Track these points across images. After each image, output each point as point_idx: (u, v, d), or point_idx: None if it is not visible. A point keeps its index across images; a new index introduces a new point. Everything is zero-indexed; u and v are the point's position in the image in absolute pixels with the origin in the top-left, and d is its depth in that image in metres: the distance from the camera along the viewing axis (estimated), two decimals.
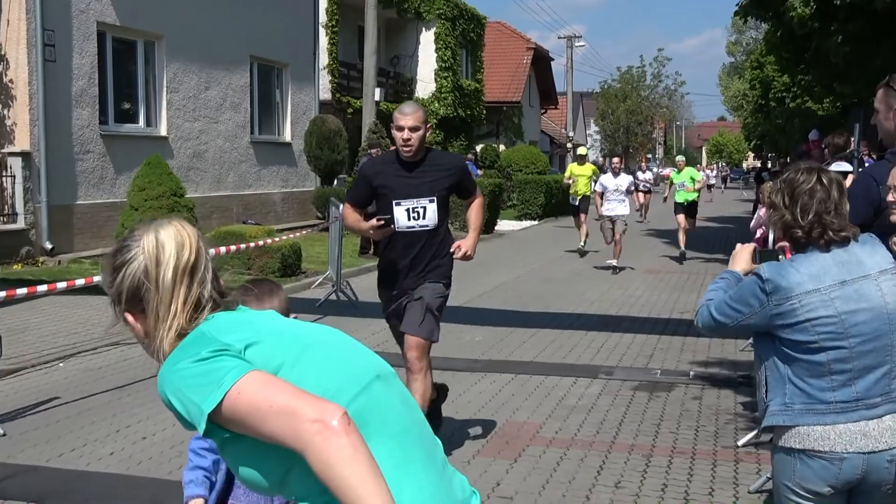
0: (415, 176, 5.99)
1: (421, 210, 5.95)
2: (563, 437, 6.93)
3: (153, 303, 1.98)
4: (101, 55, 17.48)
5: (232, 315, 2.05)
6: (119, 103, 18.34)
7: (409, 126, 5.84)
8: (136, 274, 1.99)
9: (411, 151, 5.91)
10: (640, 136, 71.29)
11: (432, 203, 5.96)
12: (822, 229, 3.10)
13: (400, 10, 32.53)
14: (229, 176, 21.32)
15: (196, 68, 20.09)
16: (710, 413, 7.65)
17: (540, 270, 17.80)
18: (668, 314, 12.60)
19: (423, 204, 5.95)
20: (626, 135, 69.54)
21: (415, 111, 5.98)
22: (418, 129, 5.89)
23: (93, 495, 5.57)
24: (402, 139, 5.86)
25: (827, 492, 3.11)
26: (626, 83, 69.83)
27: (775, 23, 19.02)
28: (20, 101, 15.69)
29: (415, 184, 5.95)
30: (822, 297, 3.05)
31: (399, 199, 5.96)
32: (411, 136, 5.85)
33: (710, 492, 5.82)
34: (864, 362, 3.07)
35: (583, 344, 10.44)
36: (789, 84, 30.13)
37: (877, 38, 15.69)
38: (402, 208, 5.94)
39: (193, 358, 1.84)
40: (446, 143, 33.90)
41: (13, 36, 15.62)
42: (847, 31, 15.85)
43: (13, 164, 15.52)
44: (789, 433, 3.14)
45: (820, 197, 3.10)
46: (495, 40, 42.65)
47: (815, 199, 3.10)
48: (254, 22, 21.75)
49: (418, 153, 5.99)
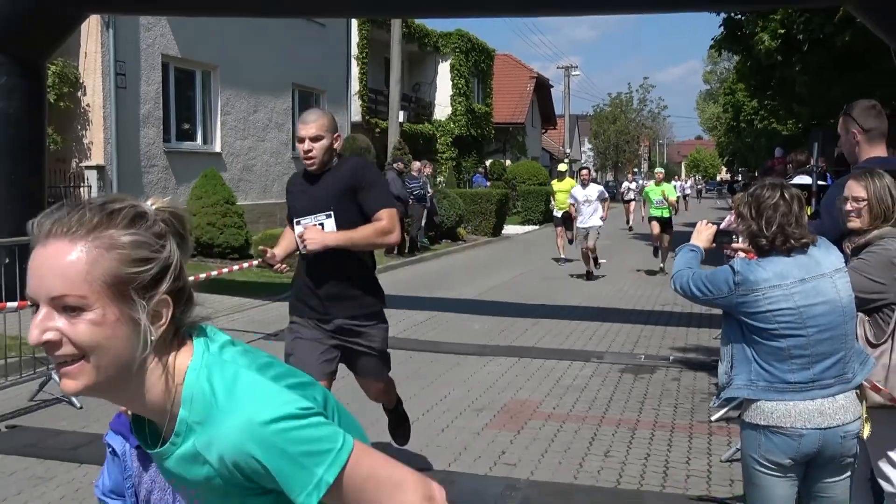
0: (316, 188, 4.57)
1: (319, 227, 4.47)
2: (559, 413, 6.92)
3: None
4: (165, 83, 17.56)
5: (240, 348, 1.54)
6: (180, 124, 18.41)
7: (309, 136, 4.44)
8: None
9: (314, 164, 4.47)
10: (627, 153, 71.06)
11: (330, 218, 4.46)
12: (785, 238, 3.11)
13: (421, 44, 32.64)
14: (274, 186, 21.36)
15: (245, 94, 20.16)
16: (687, 392, 7.63)
17: (540, 269, 17.77)
18: (651, 307, 12.58)
19: (320, 219, 4.49)
20: (616, 152, 69.36)
21: (317, 119, 4.52)
22: (321, 139, 4.46)
23: None
24: (303, 151, 4.48)
25: (788, 463, 3.11)
26: (616, 107, 69.62)
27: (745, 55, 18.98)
28: (96, 123, 15.79)
29: (315, 197, 4.55)
30: (783, 291, 3.06)
31: (299, 217, 4.58)
32: (312, 147, 4.44)
33: (686, 461, 5.80)
34: (821, 349, 3.08)
35: (577, 332, 10.43)
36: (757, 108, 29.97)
37: (836, 70, 15.66)
38: (302, 227, 4.50)
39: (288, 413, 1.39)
40: (460, 159, 33.94)
41: (90, 67, 15.71)
42: (809, 62, 15.83)
43: (89, 176, 15.64)
44: (755, 410, 3.14)
45: (783, 211, 3.12)
46: (502, 70, 42.59)
47: (778, 212, 3.12)
48: (295, 54, 21.82)
49: (323, 166, 4.52)
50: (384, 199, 4.62)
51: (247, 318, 10.88)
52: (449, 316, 11.40)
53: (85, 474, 5.31)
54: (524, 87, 45.67)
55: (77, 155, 15.83)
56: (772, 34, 15.74)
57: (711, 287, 3.22)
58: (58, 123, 14.88)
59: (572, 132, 60.58)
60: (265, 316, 11.11)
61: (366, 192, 4.49)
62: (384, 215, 4.47)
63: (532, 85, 46.38)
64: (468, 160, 34.72)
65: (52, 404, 6.84)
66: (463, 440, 6.17)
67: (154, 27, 16.95)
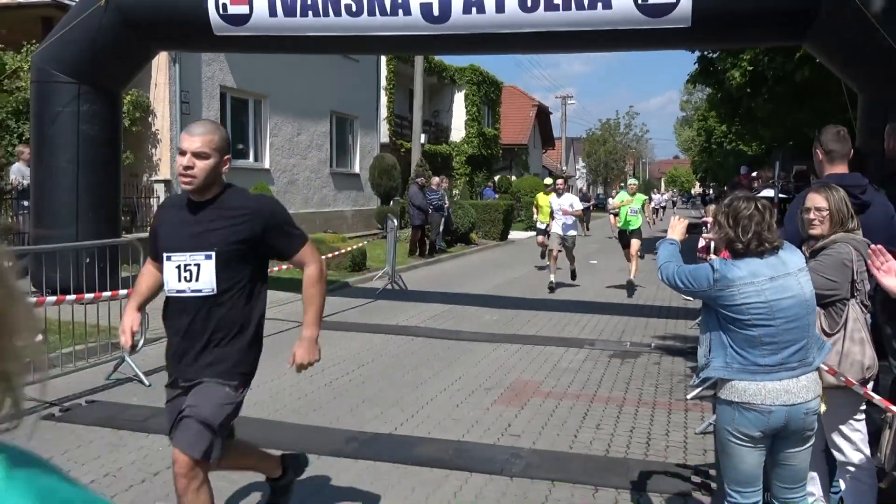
0: (197, 221, 3.29)
1: (194, 268, 3.25)
2: (557, 391, 6.89)
3: None
4: (223, 109, 17.65)
5: None
6: (235, 144, 18.47)
7: (192, 150, 3.19)
8: None
9: (191, 184, 3.21)
10: (615, 170, 70.90)
11: (209, 260, 3.23)
12: (759, 242, 3.10)
13: (440, 77, 32.75)
14: (314, 198, 21.42)
15: (291, 119, 20.21)
16: (667, 374, 7.59)
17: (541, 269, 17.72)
18: (635, 301, 12.53)
19: (196, 260, 3.24)
20: (605, 169, 69.27)
21: (205, 133, 3.25)
22: (206, 158, 3.21)
23: None
24: (182, 167, 3.20)
25: (758, 435, 3.10)
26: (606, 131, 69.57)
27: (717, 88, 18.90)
28: (164, 143, 15.87)
29: (194, 232, 3.27)
30: (756, 287, 3.05)
31: (170, 252, 3.30)
32: (194, 164, 3.19)
33: (666, 433, 5.76)
34: (787, 337, 3.07)
35: (572, 322, 10.39)
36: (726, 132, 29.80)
37: (797, 101, 15.62)
38: (173, 264, 3.29)
39: None
40: (472, 175, 33.93)
41: (159, 96, 15.79)
42: (773, 93, 15.81)
43: (158, 189, 15.73)
44: (730, 389, 3.13)
45: (757, 220, 3.11)
46: (509, 99, 42.58)
47: (753, 221, 3.11)
48: (333, 86, 21.87)
49: (204, 190, 3.25)
50: (298, 233, 3.41)
51: (290, 310, 10.89)
52: (463, 308, 11.38)
53: (152, 442, 5.32)
54: (527, 113, 45.65)
55: (147, 171, 15.90)
56: (742, 71, 15.75)
57: (693, 281, 3.20)
58: (131, 144, 14.97)
59: (568, 152, 60.56)
60: None
61: (279, 233, 3.33)
62: (307, 256, 3.38)
63: (534, 112, 46.39)
64: (479, 176, 34.74)
65: (125, 382, 6.86)
66: (475, 414, 6.15)
67: (213, 62, 17.03)
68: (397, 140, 28.61)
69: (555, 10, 8.39)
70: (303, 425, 5.76)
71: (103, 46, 9.72)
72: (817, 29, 7.97)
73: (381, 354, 8.24)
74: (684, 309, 11.37)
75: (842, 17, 7.62)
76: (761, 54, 15.01)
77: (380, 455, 5.11)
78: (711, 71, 17.84)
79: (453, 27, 8.74)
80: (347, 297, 12.15)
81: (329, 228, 20.84)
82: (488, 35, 8.79)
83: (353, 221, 23.44)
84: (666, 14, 8.15)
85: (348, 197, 23.48)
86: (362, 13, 8.85)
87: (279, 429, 5.66)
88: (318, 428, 5.70)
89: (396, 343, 8.81)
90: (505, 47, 9.43)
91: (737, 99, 17.87)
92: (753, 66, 15.40)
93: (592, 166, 70.06)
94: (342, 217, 22.89)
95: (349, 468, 4.90)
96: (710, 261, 3.22)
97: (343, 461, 5.01)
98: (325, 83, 21.39)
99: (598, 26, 8.40)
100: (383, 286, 12.91)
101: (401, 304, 11.55)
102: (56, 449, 5.16)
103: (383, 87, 27.06)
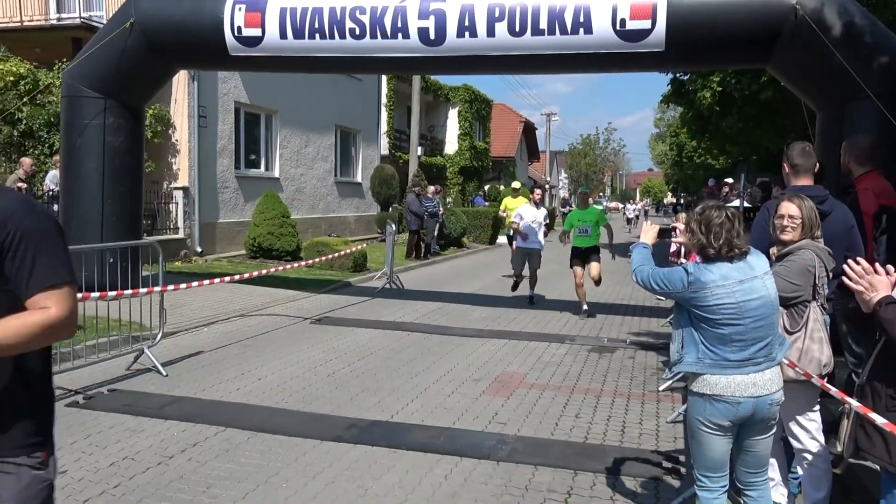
0: None
1: None
2: (540, 383, 6.86)
3: None
4: (237, 123, 17.55)
5: None
6: (248, 155, 18.39)
7: None
8: None
9: None
10: (595, 182, 70.97)
11: None
12: (730, 248, 3.08)
13: (435, 95, 32.75)
14: (320, 204, 21.34)
15: (299, 132, 20.14)
16: (640, 368, 7.56)
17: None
18: (612, 301, 12.50)
19: None
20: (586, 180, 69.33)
21: None
22: None
23: (224, 417, 5.55)
24: None
25: (727, 425, 3.10)
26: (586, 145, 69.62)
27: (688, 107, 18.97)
28: (182, 153, 15.79)
29: None
30: (726, 290, 3.03)
31: None
32: None
33: (640, 422, 5.74)
34: (754, 335, 3.06)
35: (554, 320, 10.36)
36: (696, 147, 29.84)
37: (761, 119, 15.67)
38: None
39: None
40: (464, 184, 33.88)
41: (179, 110, 15.73)
42: (741, 113, 15.86)
43: (176, 195, 15.64)
44: (701, 382, 3.11)
45: (727, 227, 3.09)
46: (498, 115, 42.57)
47: (724, 228, 3.09)
48: (338, 102, 21.82)
49: None
50: (57, 265, 1.92)
51: (297, 307, 10.85)
52: (455, 306, 11.34)
53: (169, 428, 5.28)
54: (515, 128, 45.62)
55: (168, 178, 15.82)
56: (712, 92, 15.79)
57: (668, 283, 3.17)
58: (153, 154, 14.90)
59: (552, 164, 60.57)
60: (311, 305, 11.07)
61: (21, 255, 1.88)
62: (52, 300, 1.89)
63: (521, 127, 46.36)
64: (471, 185, 34.71)
65: (144, 373, 6.81)
66: (465, 404, 6.12)
67: (229, 80, 16.96)
68: (396, 152, 28.55)
69: (540, 35, 8.38)
70: (306, 413, 5.72)
71: (128, 65, 9.67)
72: (779, 52, 7.97)
73: (380, 348, 8.20)
74: (657, 308, 11.36)
75: (801, 42, 7.63)
76: (729, 76, 15.05)
77: (377, 440, 5.08)
78: (683, 91, 17.92)
79: (448, 50, 8.72)
80: (349, 295, 12.11)
81: (333, 232, 20.81)
82: (480, 57, 8.77)
83: (356, 226, 23.37)
84: (642, 39, 8.15)
85: (351, 204, 23.42)
86: (365, 36, 8.82)
87: (284, 416, 5.62)
88: (321, 415, 5.66)
89: (393, 338, 8.77)
90: (495, 68, 9.41)
91: (706, 117, 17.93)
92: (722, 87, 15.44)
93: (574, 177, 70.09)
94: (345, 222, 22.82)
95: (349, 452, 4.87)
96: (684, 265, 3.19)
97: (343, 446, 4.98)
98: (330, 100, 21.34)
99: (581, 50, 8.39)
100: (382, 285, 12.87)
101: (398, 302, 11.51)
102: (80, 433, 5.11)
103: (384, 103, 27.04)
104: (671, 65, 11.49)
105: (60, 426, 5.24)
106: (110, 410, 5.64)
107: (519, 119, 46.93)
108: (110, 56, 9.64)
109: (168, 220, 15.57)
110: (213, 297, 11.01)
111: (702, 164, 32.68)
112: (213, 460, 4.68)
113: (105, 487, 4.22)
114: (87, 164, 9.89)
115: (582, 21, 8.23)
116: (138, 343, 7.28)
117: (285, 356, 7.65)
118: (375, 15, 8.76)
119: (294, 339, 8.43)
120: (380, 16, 8.75)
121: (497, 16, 8.46)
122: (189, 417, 5.49)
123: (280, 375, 6.86)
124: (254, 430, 5.25)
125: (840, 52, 7.16)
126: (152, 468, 4.52)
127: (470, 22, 8.55)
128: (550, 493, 4.30)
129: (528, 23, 8.39)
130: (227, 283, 10.71)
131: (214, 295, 11.16)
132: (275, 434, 5.18)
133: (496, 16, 8.47)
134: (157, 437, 5.09)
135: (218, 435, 5.16)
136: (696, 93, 16.72)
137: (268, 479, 4.39)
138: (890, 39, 7.48)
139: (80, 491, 4.17)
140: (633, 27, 8.11)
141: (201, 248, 16.01)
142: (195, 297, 10.76)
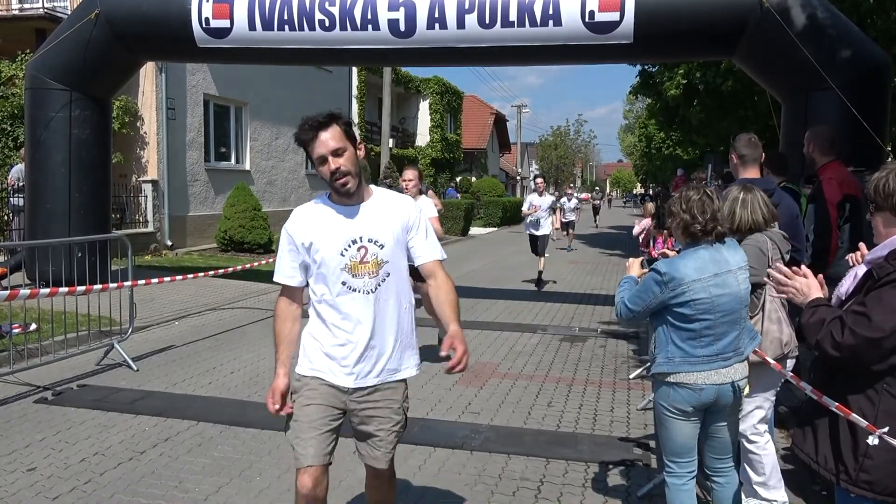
0: None
1: None
2: (513, 373, 6.89)
3: None
4: (206, 115, 17.36)
5: None
6: (218, 148, 18.20)
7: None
8: None
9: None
10: (565, 173, 71.27)
11: None
12: (715, 224, 3.06)
13: (406, 87, 32.65)
14: (291, 197, 21.19)
15: (269, 125, 19.96)
16: (611, 357, 7.63)
17: (499, 261, 17.74)
18: (583, 290, 12.60)
19: None
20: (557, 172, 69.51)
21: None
22: None
23: (196, 411, 5.50)
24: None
25: (691, 410, 3.11)
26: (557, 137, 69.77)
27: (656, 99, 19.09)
28: (151, 146, 15.58)
29: None
30: (702, 284, 3.01)
31: None
32: None
33: (611, 409, 5.79)
34: (722, 329, 3.06)
35: (526, 310, 10.41)
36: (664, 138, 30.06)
37: (724, 110, 15.82)
38: None
39: None
40: (436, 176, 33.85)
41: (147, 102, 15.50)
42: (704, 104, 16.00)
43: (146, 188, 15.45)
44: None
45: (708, 203, 3.07)
46: (469, 107, 42.57)
47: (705, 204, 3.07)
48: (308, 94, 21.62)
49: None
50: None
51: (269, 300, 10.77)
52: None
53: (140, 423, 5.21)
54: (486, 120, 45.66)
55: (136, 171, 15.60)
56: (676, 84, 15.90)
57: (644, 295, 3.10)
58: (120, 145, 14.67)
59: (523, 156, 60.79)
60: None
61: None
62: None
63: (492, 119, 46.40)
64: (443, 177, 34.68)
65: (114, 368, 6.72)
66: (438, 394, 6.13)
67: (197, 72, 16.75)
68: (367, 144, 28.42)
69: (510, 27, 8.37)
70: None
71: (93, 57, 9.49)
72: (744, 44, 8.06)
73: None
74: None
75: (766, 34, 7.71)
76: (694, 69, 15.17)
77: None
78: (651, 83, 18.01)
79: (418, 41, 8.68)
80: None
81: None
82: (450, 49, 8.75)
83: None
84: (610, 31, 8.18)
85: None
86: (335, 28, 8.74)
87: (257, 409, 5.57)
88: None
89: None
90: (465, 60, 9.39)
91: (673, 108, 18.07)
92: (687, 79, 15.56)
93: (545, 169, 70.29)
94: None
95: None
96: (653, 266, 3.14)
97: None
98: (300, 92, 21.15)
99: (550, 41, 8.40)
100: None
101: None
102: (49, 430, 5.03)
103: (355, 95, 26.90)
104: (640, 57, 11.56)
105: (29, 423, 5.16)
106: (80, 406, 5.55)
107: (490, 111, 46.97)
108: (75, 47, 9.44)
109: (137, 214, 15.36)
110: (184, 290, 10.88)
111: (670, 156, 32.93)
112: (186, 455, 4.63)
113: (76, 484, 4.16)
114: (54, 158, 9.71)
115: (551, 13, 8.24)
116: (108, 338, 7.18)
117: (258, 349, 7.59)
118: (345, 6, 8.68)
119: (267, 333, 8.35)
120: (349, 7, 8.68)
121: (467, 7, 8.44)
122: (161, 412, 5.43)
123: (253, 369, 6.81)
124: (226, 423, 5.21)
125: (804, 45, 7.26)
126: (124, 464, 4.46)
127: (440, 13, 8.51)
128: (524, 482, 4.32)
129: (497, 14, 8.37)
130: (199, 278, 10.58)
131: (186, 289, 11.03)
132: (248, 427, 5.15)
133: (466, 7, 8.44)
134: (129, 432, 5.03)
135: (190, 429, 5.11)
136: (663, 84, 16.84)
137: (241, 472, 4.35)
138: (852, 32, 7.60)
139: (50, 488, 4.10)
140: (601, 19, 8.14)
141: (171, 242, 15.82)
142: (166, 291, 10.62)
